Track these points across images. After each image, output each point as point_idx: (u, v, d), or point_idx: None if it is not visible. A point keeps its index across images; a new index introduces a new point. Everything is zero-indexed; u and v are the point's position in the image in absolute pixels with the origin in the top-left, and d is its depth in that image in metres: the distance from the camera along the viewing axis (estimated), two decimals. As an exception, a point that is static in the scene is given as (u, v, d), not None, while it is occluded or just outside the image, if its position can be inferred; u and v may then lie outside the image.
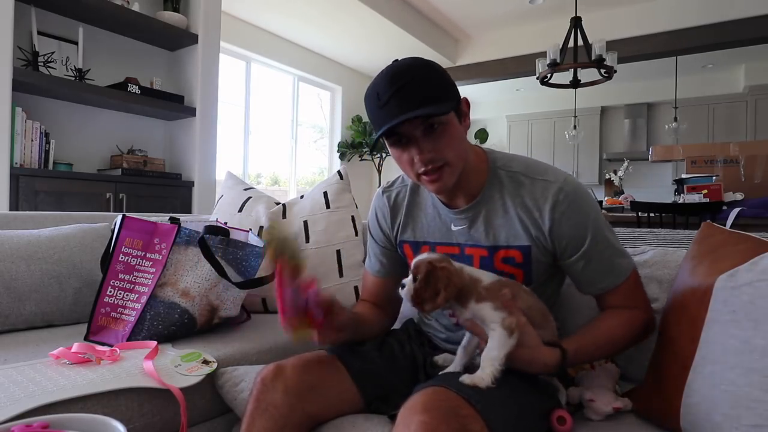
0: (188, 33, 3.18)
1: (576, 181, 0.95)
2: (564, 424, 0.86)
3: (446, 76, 0.89)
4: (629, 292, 0.95)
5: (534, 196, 0.92)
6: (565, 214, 0.90)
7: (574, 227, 0.91)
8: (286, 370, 0.90)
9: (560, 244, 0.92)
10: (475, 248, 0.98)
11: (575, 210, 0.91)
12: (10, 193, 2.42)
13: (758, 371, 0.74)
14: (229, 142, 5.03)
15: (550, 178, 0.93)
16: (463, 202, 0.97)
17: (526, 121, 8.62)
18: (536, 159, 1.01)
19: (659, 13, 5.01)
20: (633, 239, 1.61)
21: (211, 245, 1.29)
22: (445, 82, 0.88)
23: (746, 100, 6.92)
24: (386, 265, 1.13)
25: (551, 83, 4.36)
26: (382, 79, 0.87)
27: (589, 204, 0.93)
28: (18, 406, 0.82)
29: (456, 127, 0.89)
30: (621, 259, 0.95)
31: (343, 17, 4.88)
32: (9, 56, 2.38)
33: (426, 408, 0.73)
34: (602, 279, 0.94)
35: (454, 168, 0.90)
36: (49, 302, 1.38)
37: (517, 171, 0.95)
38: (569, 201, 0.91)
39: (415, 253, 1.06)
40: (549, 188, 0.91)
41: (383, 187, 1.14)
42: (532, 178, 0.94)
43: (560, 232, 0.91)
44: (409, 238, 1.07)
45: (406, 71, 0.85)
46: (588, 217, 0.91)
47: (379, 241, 1.13)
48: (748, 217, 2.87)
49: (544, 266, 0.96)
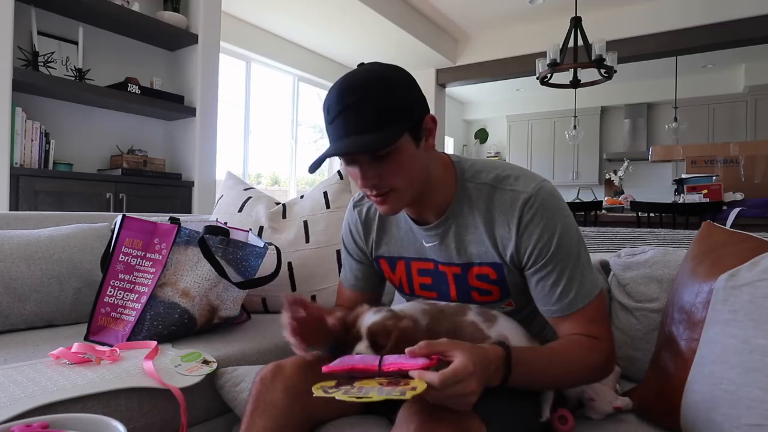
0: (188, 33, 3.18)
1: (549, 190, 0.88)
2: (565, 423, 0.87)
3: (403, 92, 0.82)
4: (592, 318, 0.86)
5: (503, 209, 0.88)
6: (530, 225, 0.85)
7: (538, 238, 0.85)
8: (285, 370, 0.90)
9: (524, 256, 0.87)
10: (448, 266, 0.95)
11: (540, 221, 0.85)
12: (10, 193, 2.42)
13: (759, 371, 0.74)
14: (229, 142, 5.03)
15: (519, 187, 0.87)
16: (432, 218, 0.94)
17: (526, 121, 8.62)
18: (512, 164, 0.97)
19: (659, 13, 5.01)
20: (633, 239, 1.61)
21: (211, 245, 1.29)
22: (400, 102, 0.81)
23: (746, 100, 6.92)
24: (361, 279, 1.10)
25: (551, 83, 4.36)
26: (334, 91, 0.81)
27: (557, 215, 0.86)
28: (18, 406, 0.82)
29: (408, 151, 0.83)
30: (586, 278, 0.86)
31: (343, 17, 4.87)
32: (9, 56, 2.38)
33: (425, 408, 0.72)
34: (556, 301, 0.86)
35: (401, 194, 0.85)
36: (49, 302, 1.38)
37: (486, 182, 0.90)
38: (535, 210, 0.85)
39: (391, 269, 1.04)
40: (517, 199, 0.87)
41: (354, 200, 1.09)
42: (502, 189, 0.89)
43: (525, 243, 0.86)
44: (384, 254, 1.04)
45: (358, 87, 0.79)
46: (554, 228, 0.85)
47: (355, 256, 1.09)
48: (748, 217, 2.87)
49: (521, 282, 0.92)
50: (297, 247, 1.63)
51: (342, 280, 1.15)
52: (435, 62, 6.15)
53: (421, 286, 1.01)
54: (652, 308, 1.12)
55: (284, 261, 1.56)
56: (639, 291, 1.16)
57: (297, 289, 1.61)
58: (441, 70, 6.35)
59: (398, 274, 1.04)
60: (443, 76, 6.37)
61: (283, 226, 1.68)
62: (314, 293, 1.62)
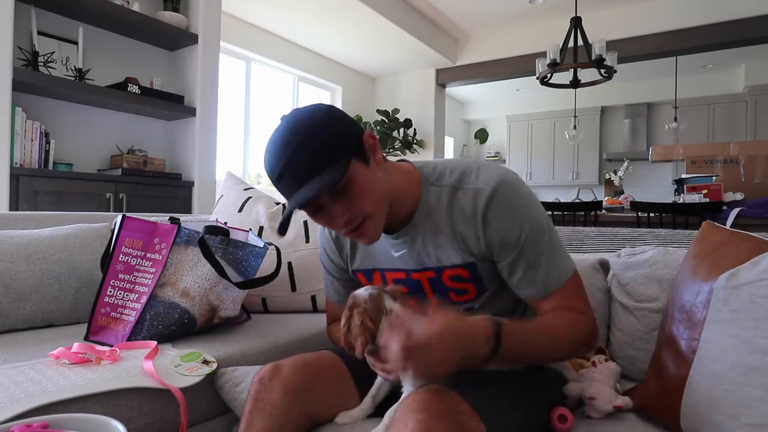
0: (188, 33, 3.18)
1: (511, 181, 0.89)
2: (565, 422, 0.86)
3: (330, 127, 0.82)
4: (570, 295, 0.89)
5: (467, 208, 0.88)
6: (494, 221, 0.87)
7: (505, 233, 0.86)
8: (283, 370, 0.90)
9: (493, 248, 0.88)
10: (420, 272, 0.95)
11: (503, 215, 0.86)
12: (10, 193, 2.42)
13: (759, 370, 0.74)
14: (229, 142, 5.03)
15: (481, 184, 0.88)
16: (399, 226, 0.94)
17: (526, 121, 8.62)
18: (476, 160, 0.98)
19: (659, 13, 5.01)
20: (633, 239, 1.61)
21: (211, 245, 1.29)
22: (331, 136, 0.81)
23: (746, 100, 6.92)
24: (344, 294, 1.09)
25: (551, 83, 4.36)
26: (268, 153, 0.82)
27: (520, 206, 0.87)
28: (18, 406, 0.82)
29: (363, 174, 0.83)
30: (559, 262, 0.89)
31: (343, 17, 4.87)
32: (9, 56, 2.38)
33: (423, 406, 0.73)
34: (536, 283, 0.88)
35: (376, 218, 0.86)
36: (49, 302, 1.38)
37: (448, 184, 0.91)
38: (496, 206, 0.86)
39: (369, 280, 1.05)
40: (480, 196, 0.87)
41: None
42: (464, 188, 0.89)
43: (492, 236, 0.87)
44: (359, 267, 1.04)
45: (288, 141, 0.80)
46: (520, 217, 0.86)
47: (334, 273, 1.11)
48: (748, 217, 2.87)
49: (495, 275, 0.93)
50: (297, 247, 1.63)
51: (326, 294, 1.17)
52: (435, 62, 6.15)
53: None
54: (652, 308, 1.12)
55: (284, 261, 1.56)
56: (639, 291, 1.16)
57: (297, 289, 1.61)
58: (441, 70, 6.35)
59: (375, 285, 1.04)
60: (443, 76, 6.37)
61: (283, 226, 1.68)
62: (314, 293, 1.62)
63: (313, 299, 1.62)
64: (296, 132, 0.81)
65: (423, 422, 0.70)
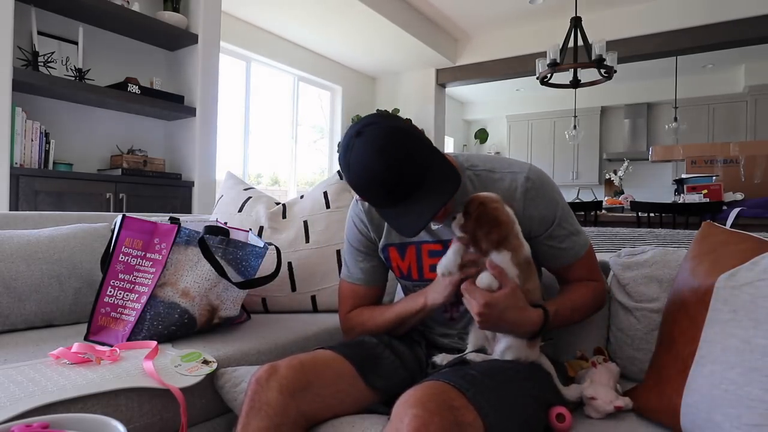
0: (188, 33, 3.18)
1: (539, 169, 1.06)
2: (563, 421, 0.86)
3: (420, 138, 0.92)
4: (589, 265, 1.08)
5: (505, 187, 1.02)
6: (535, 199, 1.01)
7: (544, 209, 1.01)
8: (280, 370, 0.90)
9: (531, 224, 1.02)
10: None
11: (543, 194, 1.02)
12: (10, 193, 2.42)
13: (759, 370, 0.74)
14: (229, 142, 5.03)
15: (516, 169, 1.04)
16: None
17: (526, 121, 8.62)
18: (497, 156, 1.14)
19: (659, 13, 5.01)
20: (633, 239, 1.61)
21: (211, 245, 1.29)
22: (426, 155, 0.91)
23: (746, 100, 6.92)
24: (368, 272, 1.16)
25: (551, 83, 4.36)
26: (372, 185, 0.90)
27: (554, 188, 1.05)
28: (18, 406, 0.82)
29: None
30: (581, 236, 1.06)
31: (343, 17, 4.87)
32: (9, 56, 2.38)
33: (419, 402, 0.73)
34: (566, 254, 1.05)
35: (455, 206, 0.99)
36: (49, 302, 1.38)
37: (484, 169, 1.05)
38: (537, 187, 1.02)
39: (401, 255, 1.10)
40: (517, 178, 1.02)
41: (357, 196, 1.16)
42: (501, 172, 1.04)
43: (531, 214, 1.01)
44: (393, 241, 1.10)
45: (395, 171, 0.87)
46: (554, 200, 1.03)
47: (362, 248, 1.16)
48: (748, 217, 2.87)
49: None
50: (297, 247, 1.63)
51: (346, 277, 1.19)
52: (435, 62, 6.15)
53: (431, 267, 1.06)
54: (652, 308, 1.12)
55: (284, 261, 1.56)
56: (639, 291, 1.16)
57: (297, 289, 1.61)
58: (441, 70, 6.35)
59: (407, 260, 1.10)
60: (443, 76, 6.37)
61: (283, 226, 1.68)
62: (314, 293, 1.62)
63: (313, 299, 1.62)
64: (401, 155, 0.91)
65: (418, 417, 0.71)
